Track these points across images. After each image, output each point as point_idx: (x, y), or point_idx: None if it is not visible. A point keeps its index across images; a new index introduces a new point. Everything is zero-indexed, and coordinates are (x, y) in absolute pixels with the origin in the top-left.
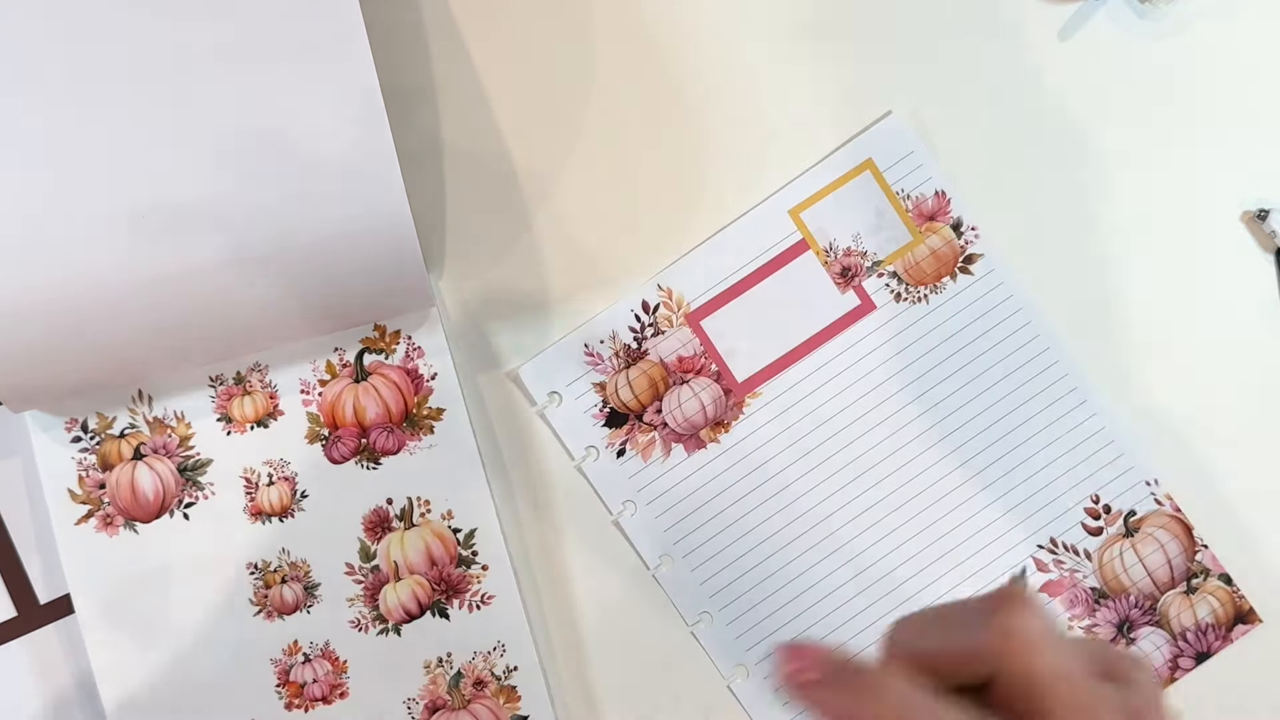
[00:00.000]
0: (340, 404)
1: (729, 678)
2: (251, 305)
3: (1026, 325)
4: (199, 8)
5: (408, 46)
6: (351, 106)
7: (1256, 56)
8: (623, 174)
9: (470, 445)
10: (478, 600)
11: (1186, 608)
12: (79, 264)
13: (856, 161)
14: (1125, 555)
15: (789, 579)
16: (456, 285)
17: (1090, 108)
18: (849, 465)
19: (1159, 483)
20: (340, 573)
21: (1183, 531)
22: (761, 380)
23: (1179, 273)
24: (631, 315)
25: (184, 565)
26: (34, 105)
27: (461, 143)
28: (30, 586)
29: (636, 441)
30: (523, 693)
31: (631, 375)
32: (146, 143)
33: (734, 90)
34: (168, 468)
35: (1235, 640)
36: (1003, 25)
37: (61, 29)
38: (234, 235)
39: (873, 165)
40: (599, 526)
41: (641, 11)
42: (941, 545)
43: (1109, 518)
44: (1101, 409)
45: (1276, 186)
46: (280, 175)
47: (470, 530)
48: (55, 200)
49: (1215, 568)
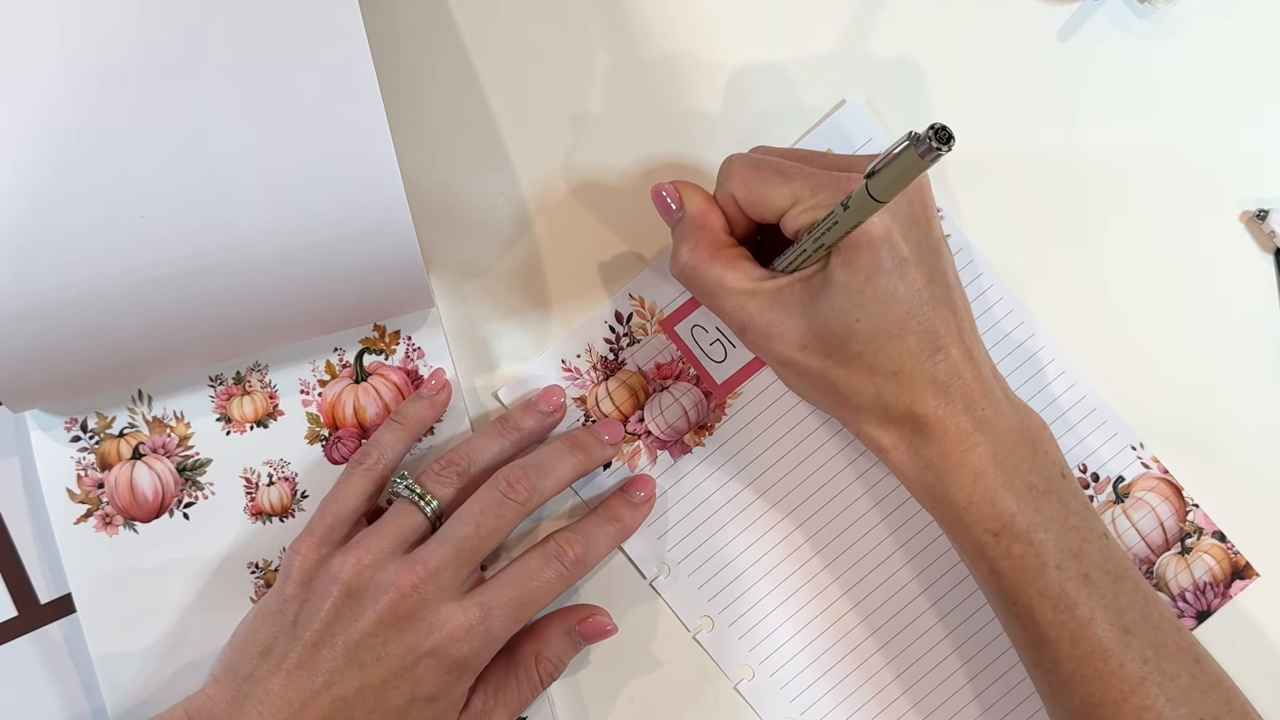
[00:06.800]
0: (340, 404)
1: (735, 679)
2: (251, 305)
3: (1001, 301)
4: (198, 8)
5: (408, 46)
6: (351, 106)
7: (1256, 56)
8: (602, 177)
9: None
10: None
11: (1183, 568)
12: (79, 264)
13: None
14: (1118, 521)
15: (785, 576)
16: (456, 286)
17: (1090, 108)
18: (835, 456)
19: (1144, 446)
20: None
21: (1173, 493)
22: (740, 380)
23: (1179, 273)
24: (606, 327)
25: (184, 565)
26: (32, 105)
27: (462, 142)
28: (31, 586)
29: (622, 451)
30: None
31: (611, 386)
32: (146, 143)
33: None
34: (167, 467)
35: (1234, 596)
36: (1002, 25)
37: (61, 29)
38: (233, 235)
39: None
40: None
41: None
42: (932, 530)
43: (1098, 485)
44: (1080, 378)
45: (1276, 186)
46: (280, 175)
47: None
48: (55, 200)
49: (1208, 525)
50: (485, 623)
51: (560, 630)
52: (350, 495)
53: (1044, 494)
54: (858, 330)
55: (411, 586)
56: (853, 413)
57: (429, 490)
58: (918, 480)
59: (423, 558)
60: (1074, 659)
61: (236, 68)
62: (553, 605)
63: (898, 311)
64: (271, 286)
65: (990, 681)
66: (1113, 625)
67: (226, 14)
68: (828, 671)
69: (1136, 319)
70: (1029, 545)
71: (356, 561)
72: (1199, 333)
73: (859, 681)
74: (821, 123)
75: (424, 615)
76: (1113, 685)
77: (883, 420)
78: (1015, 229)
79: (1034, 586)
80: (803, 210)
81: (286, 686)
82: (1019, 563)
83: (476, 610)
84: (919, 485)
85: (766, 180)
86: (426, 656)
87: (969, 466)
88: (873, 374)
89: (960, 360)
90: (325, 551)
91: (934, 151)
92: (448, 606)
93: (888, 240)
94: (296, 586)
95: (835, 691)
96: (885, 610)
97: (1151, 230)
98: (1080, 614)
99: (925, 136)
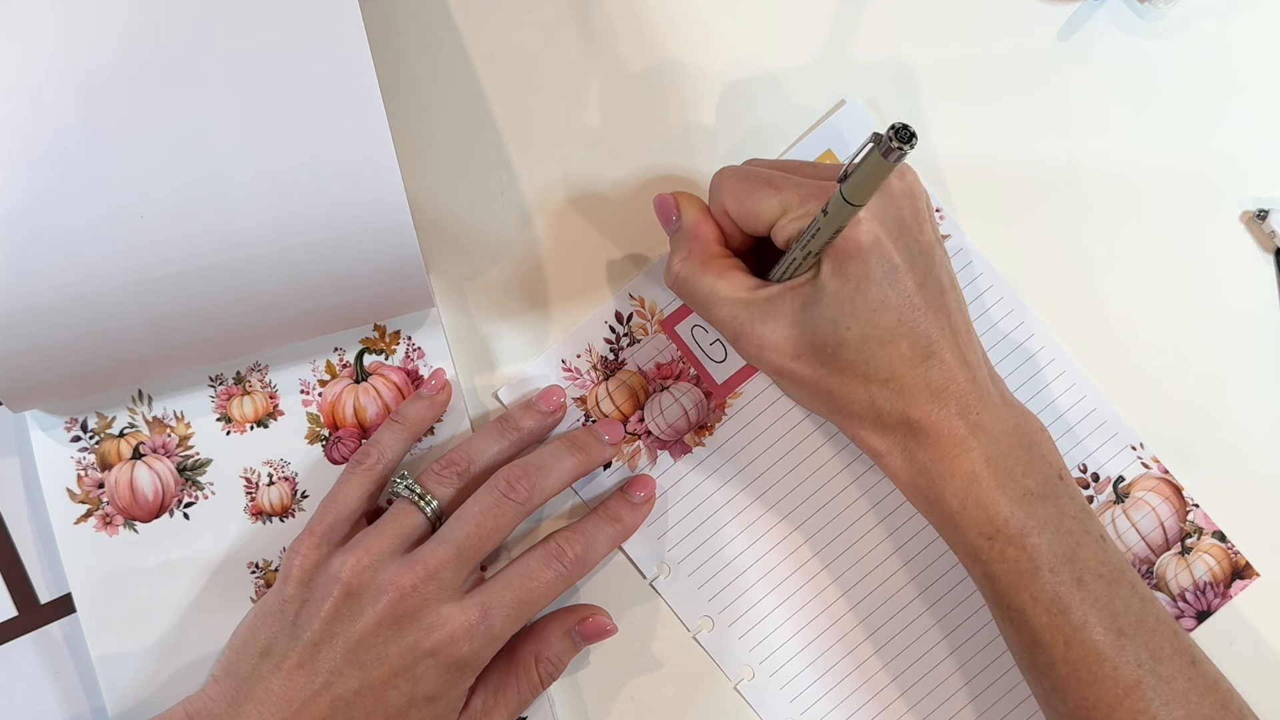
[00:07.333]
0: (340, 404)
1: (735, 680)
2: (251, 305)
3: (1000, 302)
4: (199, 8)
5: (407, 46)
6: (351, 106)
7: (1256, 56)
8: (602, 176)
9: None
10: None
11: (1183, 568)
12: (79, 264)
13: (818, 152)
14: (1118, 521)
15: (785, 576)
16: (457, 285)
17: (1090, 108)
18: (835, 457)
19: (1144, 446)
20: None
21: (1173, 493)
22: (741, 380)
23: (1179, 272)
24: (606, 327)
25: (184, 565)
26: (33, 105)
27: (462, 142)
28: (31, 585)
29: (622, 451)
30: None
31: (611, 386)
32: (146, 143)
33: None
34: (167, 467)
35: (1234, 596)
36: (1002, 25)
37: (61, 28)
38: (234, 235)
39: (832, 155)
40: None
41: (642, 10)
42: (930, 531)
43: (1098, 486)
44: (1080, 379)
45: (1276, 186)
46: (280, 175)
47: None
48: (55, 200)
49: (1208, 525)
50: (485, 623)
51: (560, 630)
52: (350, 495)
53: (1038, 497)
54: (849, 338)
55: (411, 586)
56: (847, 419)
57: (429, 490)
58: (912, 485)
59: (423, 558)
60: (1068, 663)
61: (237, 68)
62: (553, 605)
63: (889, 318)
64: (272, 286)
65: (987, 683)
66: (1107, 629)
67: (227, 14)
68: (827, 672)
69: (1136, 319)
70: (1023, 549)
71: (356, 561)
72: (1199, 332)
73: (858, 682)
74: (821, 123)
75: (424, 615)
76: (1107, 689)
77: (877, 426)
78: (1015, 229)
79: (1027, 590)
80: (791, 220)
81: (286, 686)
82: (1013, 566)
83: (476, 610)
84: (914, 490)
85: (755, 191)
86: (426, 656)
87: (963, 471)
88: (866, 381)
89: (954, 364)
90: (325, 551)
91: (896, 151)
92: (448, 606)
93: (877, 247)
94: (296, 586)
95: (835, 691)
96: (884, 611)
97: (1151, 230)
98: (1074, 618)
99: (886, 137)
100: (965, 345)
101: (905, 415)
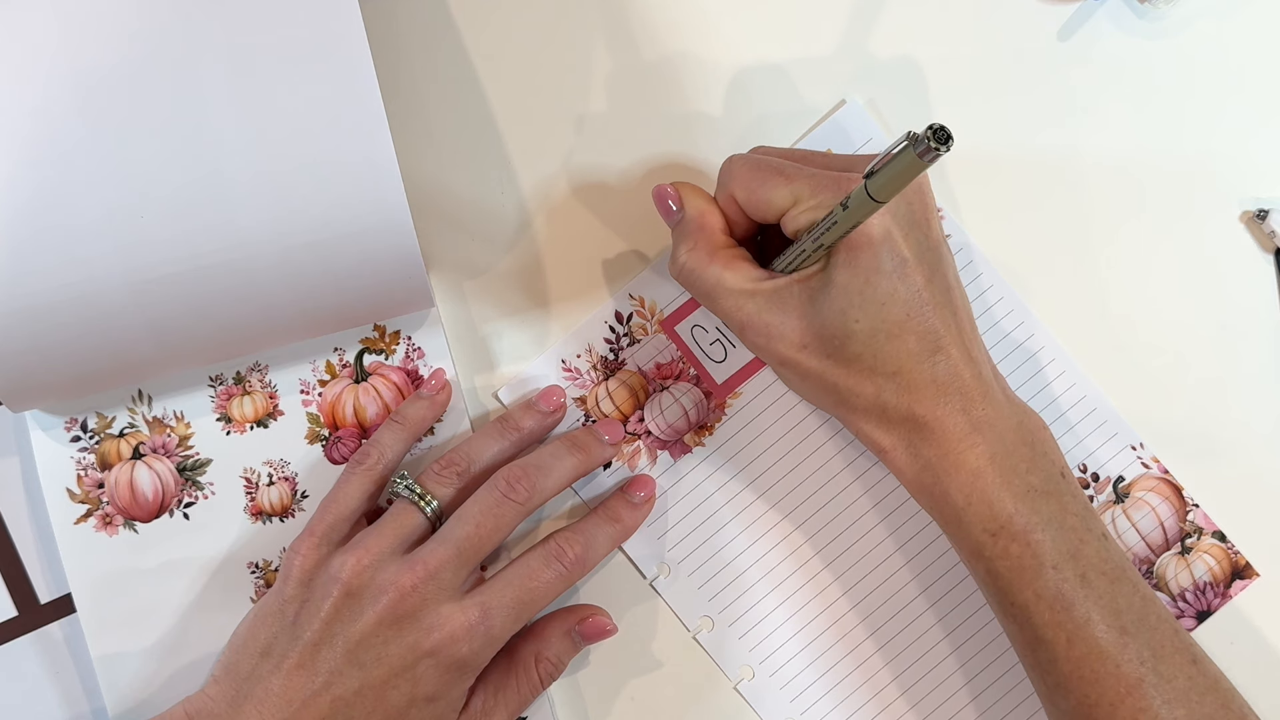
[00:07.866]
0: (340, 404)
1: (735, 680)
2: (251, 305)
3: (1000, 301)
4: (199, 8)
5: (407, 46)
6: (351, 106)
7: (1256, 56)
8: (602, 177)
9: None
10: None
11: (1183, 568)
12: (79, 264)
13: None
14: (1118, 521)
15: (785, 576)
16: (457, 285)
17: (1090, 107)
18: (835, 456)
19: (1144, 446)
20: None
21: (1173, 493)
22: (740, 380)
23: (1179, 272)
24: (606, 327)
25: (184, 565)
26: (33, 104)
27: (462, 141)
28: (31, 586)
29: (622, 451)
30: None
31: (611, 386)
32: (146, 143)
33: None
34: (167, 467)
35: (1234, 596)
36: (1002, 25)
37: (61, 28)
38: (234, 235)
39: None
40: None
41: (642, 10)
42: (932, 530)
43: (1098, 485)
44: (1080, 378)
45: (1276, 186)
46: (280, 175)
47: None
48: (55, 200)
49: (1208, 525)
50: (485, 623)
51: (560, 630)
52: (350, 495)
53: (1042, 494)
54: (857, 331)
55: (411, 586)
56: (852, 413)
57: (429, 490)
58: (916, 480)
59: (423, 558)
60: (1070, 660)
61: (237, 67)
62: (553, 605)
63: (897, 312)
64: (272, 286)
65: (989, 682)
66: (1110, 626)
67: (227, 14)
68: (827, 671)
69: (1136, 318)
70: (1026, 545)
71: (356, 561)
72: (1199, 332)
73: (859, 681)
74: (822, 122)
75: (424, 615)
76: (1109, 686)
77: (882, 421)
78: (1015, 228)
79: (1030, 587)
80: (803, 210)
81: (286, 686)
82: (1016, 563)
83: (476, 610)
84: (918, 485)
85: (767, 180)
86: (426, 656)
87: (967, 467)
88: (872, 375)
89: (959, 361)
90: (325, 551)
91: (932, 152)
92: (448, 606)
93: (888, 241)
94: (296, 586)
95: (835, 691)
96: (885, 610)
97: (1151, 230)
98: (1077, 615)
99: (924, 137)
100: (970, 342)
101: (910, 410)
